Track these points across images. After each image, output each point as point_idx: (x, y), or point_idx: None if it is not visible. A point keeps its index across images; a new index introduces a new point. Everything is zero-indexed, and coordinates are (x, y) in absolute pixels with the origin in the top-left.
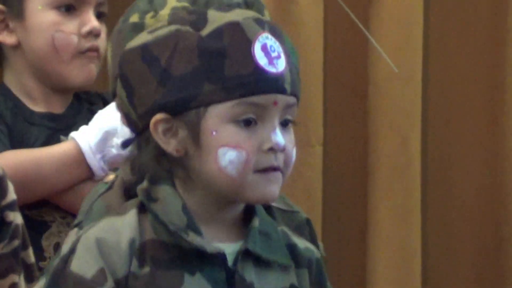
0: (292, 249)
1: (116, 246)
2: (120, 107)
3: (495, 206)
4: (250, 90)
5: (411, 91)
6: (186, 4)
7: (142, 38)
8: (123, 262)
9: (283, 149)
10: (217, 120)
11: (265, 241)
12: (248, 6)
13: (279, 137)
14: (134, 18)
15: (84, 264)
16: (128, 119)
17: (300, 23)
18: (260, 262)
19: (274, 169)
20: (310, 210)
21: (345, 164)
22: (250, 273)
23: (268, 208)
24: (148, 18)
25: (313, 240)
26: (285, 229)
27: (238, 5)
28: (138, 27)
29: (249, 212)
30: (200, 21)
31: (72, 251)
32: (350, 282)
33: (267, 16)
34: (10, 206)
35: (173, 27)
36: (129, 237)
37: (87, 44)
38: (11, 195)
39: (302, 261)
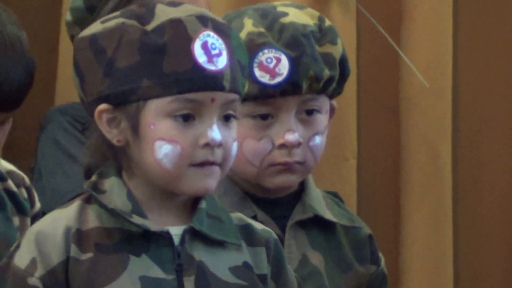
0: (247, 229)
1: (52, 235)
2: (77, 92)
3: None
4: (187, 87)
5: (442, 105)
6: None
7: (94, 28)
8: (58, 250)
9: (219, 145)
10: (155, 114)
11: (215, 224)
12: (323, 35)
13: (215, 133)
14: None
15: (21, 256)
16: (83, 104)
17: (342, 36)
18: (211, 242)
19: (210, 163)
20: None
21: (378, 177)
22: (199, 252)
23: (332, 224)
24: None
25: (375, 256)
26: (240, 215)
27: (312, 34)
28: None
29: (199, 198)
30: (147, 15)
31: (18, 246)
32: None
33: (339, 48)
34: (38, 216)
35: (120, 20)
36: (64, 225)
37: None
38: (38, 205)
39: (257, 240)
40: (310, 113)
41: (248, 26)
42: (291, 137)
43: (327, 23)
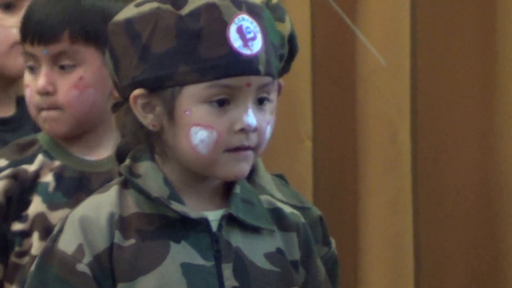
0: (277, 213)
1: (96, 221)
2: (109, 75)
3: (486, 198)
4: (224, 72)
5: (400, 84)
6: None
7: (128, 12)
8: (103, 236)
9: (254, 130)
10: (191, 100)
11: (248, 208)
12: (273, 12)
13: (250, 118)
14: None
15: (67, 241)
16: (116, 86)
17: (294, 16)
18: (246, 228)
19: (245, 148)
20: None
21: (334, 159)
22: (236, 238)
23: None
24: None
25: (325, 236)
26: (269, 197)
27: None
28: None
29: (231, 181)
30: (181, 0)
31: (60, 230)
32: (342, 277)
33: (288, 25)
34: None
35: (154, 4)
36: (108, 211)
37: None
38: None
39: (288, 225)
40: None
41: None
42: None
43: (274, 0)
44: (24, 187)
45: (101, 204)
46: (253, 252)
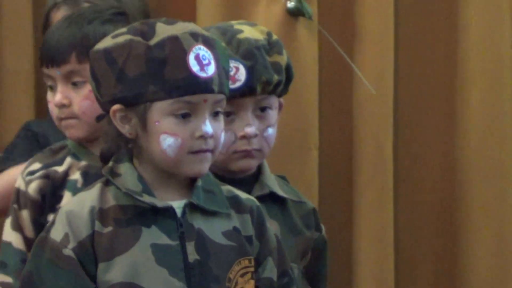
0: (235, 199)
1: (80, 214)
2: (93, 93)
3: (452, 197)
4: (185, 91)
5: (385, 109)
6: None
7: (106, 42)
8: (85, 225)
9: (211, 136)
10: (160, 113)
11: (209, 197)
12: (272, 47)
13: (208, 127)
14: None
15: (56, 231)
16: (98, 102)
17: (301, 54)
18: (206, 213)
19: (204, 151)
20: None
21: (335, 165)
22: (198, 221)
23: (283, 199)
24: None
25: (318, 224)
26: (229, 187)
27: (263, 47)
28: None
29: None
30: (150, 33)
31: (53, 222)
32: (339, 258)
33: (284, 57)
34: None
35: (128, 37)
36: (89, 205)
37: None
38: None
39: (243, 208)
40: (263, 110)
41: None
42: (250, 130)
43: (274, 37)
44: (55, 185)
45: (84, 200)
46: (212, 231)
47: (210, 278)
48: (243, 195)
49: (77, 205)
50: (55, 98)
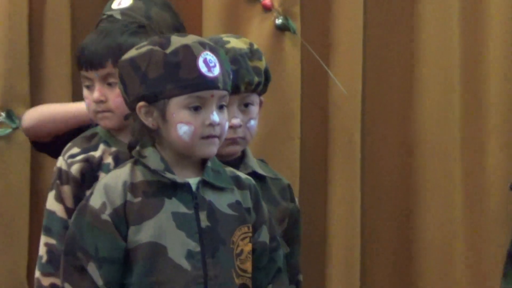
0: (236, 178)
1: (115, 186)
2: (121, 95)
3: (408, 176)
4: (196, 88)
5: (354, 106)
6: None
7: (131, 53)
8: (119, 196)
9: (218, 124)
10: (176, 106)
11: (217, 175)
12: (253, 54)
13: (215, 117)
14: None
15: (95, 200)
16: (125, 102)
17: (287, 61)
18: (215, 188)
19: (213, 136)
20: (293, 183)
21: (313, 152)
22: (208, 194)
23: (263, 177)
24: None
25: (292, 197)
26: (231, 169)
27: (246, 54)
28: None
29: (205, 159)
30: (166, 43)
31: (91, 193)
32: (315, 230)
33: (263, 62)
34: None
35: (149, 47)
36: (122, 180)
37: None
38: None
39: (243, 185)
40: (246, 106)
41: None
42: (235, 121)
43: (255, 47)
44: (93, 167)
45: (118, 176)
46: (220, 203)
47: (218, 240)
48: (242, 175)
49: (112, 180)
50: (93, 95)
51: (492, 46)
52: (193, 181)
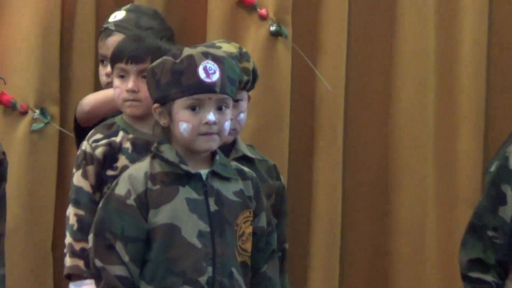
0: (241, 171)
1: (137, 176)
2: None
3: (386, 162)
4: (194, 92)
5: (338, 99)
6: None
7: (154, 63)
8: (141, 184)
9: (214, 123)
10: (178, 107)
11: (224, 168)
12: (242, 57)
13: (211, 116)
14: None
15: (120, 189)
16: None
17: (279, 62)
18: (222, 178)
19: (210, 133)
20: (283, 166)
21: (301, 141)
22: (216, 184)
23: (252, 159)
24: None
25: (278, 176)
26: (235, 163)
27: (236, 57)
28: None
29: (214, 153)
30: (178, 54)
31: (116, 183)
32: (300, 210)
33: (251, 63)
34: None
35: (164, 57)
36: (144, 171)
37: None
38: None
39: (246, 177)
40: (236, 101)
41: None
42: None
43: (244, 50)
44: (114, 151)
45: (140, 167)
46: (226, 191)
47: (225, 222)
48: (245, 169)
49: (135, 171)
50: (128, 85)
51: (464, 45)
52: (204, 172)
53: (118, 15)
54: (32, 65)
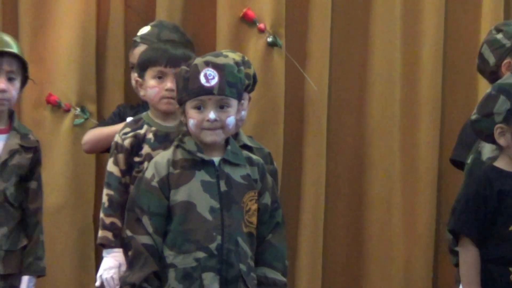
0: (249, 159)
1: (161, 163)
2: None
3: (361, 152)
4: (196, 94)
5: (322, 96)
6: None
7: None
8: (164, 169)
9: (215, 120)
10: (189, 107)
11: (234, 156)
12: (244, 64)
13: (211, 115)
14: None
15: (148, 173)
16: None
17: (275, 68)
18: (232, 164)
19: (212, 128)
20: (278, 154)
21: (293, 133)
22: (227, 168)
23: (250, 147)
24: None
25: (271, 161)
26: (246, 152)
27: (234, 61)
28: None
29: (226, 143)
30: (190, 63)
31: (146, 168)
32: (290, 194)
33: (252, 70)
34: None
35: (182, 66)
36: (167, 158)
37: None
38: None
39: (253, 164)
40: (239, 101)
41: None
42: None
43: (246, 58)
44: (139, 141)
45: (164, 155)
46: (235, 175)
47: (233, 201)
48: (254, 156)
49: (160, 158)
50: (166, 85)
51: (424, 48)
52: (216, 159)
53: (144, 30)
54: (73, 72)
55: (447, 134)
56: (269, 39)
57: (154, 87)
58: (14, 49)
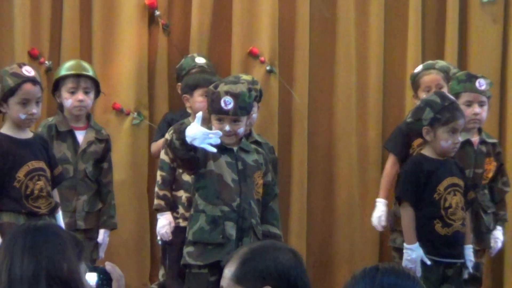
0: (256, 149)
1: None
2: None
3: (329, 140)
4: (218, 113)
5: (303, 108)
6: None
7: None
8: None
9: (229, 131)
10: (213, 118)
11: (246, 146)
12: (254, 83)
13: (227, 128)
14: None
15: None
16: None
17: (271, 88)
18: (245, 151)
19: (228, 136)
20: (274, 146)
21: (288, 128)
22: (242, 155)
23: (259, 142)
24: None
25: (273, 153)
26: (254, 145)
27: (247, 85)
28: None
29: (241, 140)
30: (215, 85)
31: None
32: (283, 173)
33: (259, 86)
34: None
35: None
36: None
37: None
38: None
39: (259, 152)
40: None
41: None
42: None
43: (255, 79)
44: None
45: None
46: (247, 159)
47: (246, 175)
48: (259, 148)
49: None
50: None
51: (371, 74)
52: (235, 148)
53: (200, 60)
54: (132, 87)
55: (386, 131)
56: (268, 68)
57: (202, 102)
58: (89, 72)
